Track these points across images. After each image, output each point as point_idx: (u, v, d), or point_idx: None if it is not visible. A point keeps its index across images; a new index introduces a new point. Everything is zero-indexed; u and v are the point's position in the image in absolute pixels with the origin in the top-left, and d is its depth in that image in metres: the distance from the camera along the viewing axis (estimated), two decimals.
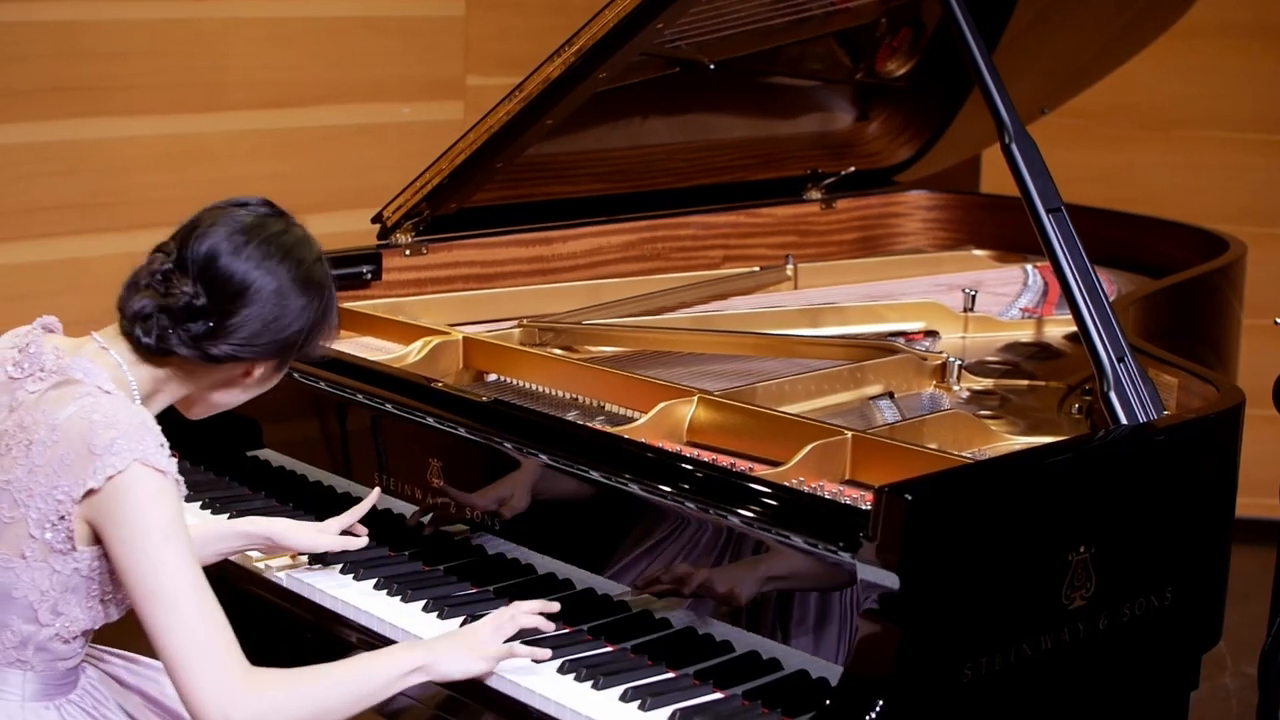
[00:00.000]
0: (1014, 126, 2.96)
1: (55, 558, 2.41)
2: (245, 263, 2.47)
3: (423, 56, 6.13)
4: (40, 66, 5.35)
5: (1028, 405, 3.38)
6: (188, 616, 2.33)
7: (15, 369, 2.49)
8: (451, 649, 2.57)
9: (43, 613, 2.43)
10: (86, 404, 2.40)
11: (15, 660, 2.47)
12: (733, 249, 4.52)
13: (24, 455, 2.40)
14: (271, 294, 2.48)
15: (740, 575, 2.57)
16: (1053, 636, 2.53)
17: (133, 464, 2.34)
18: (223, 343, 2.48)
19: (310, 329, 2.55)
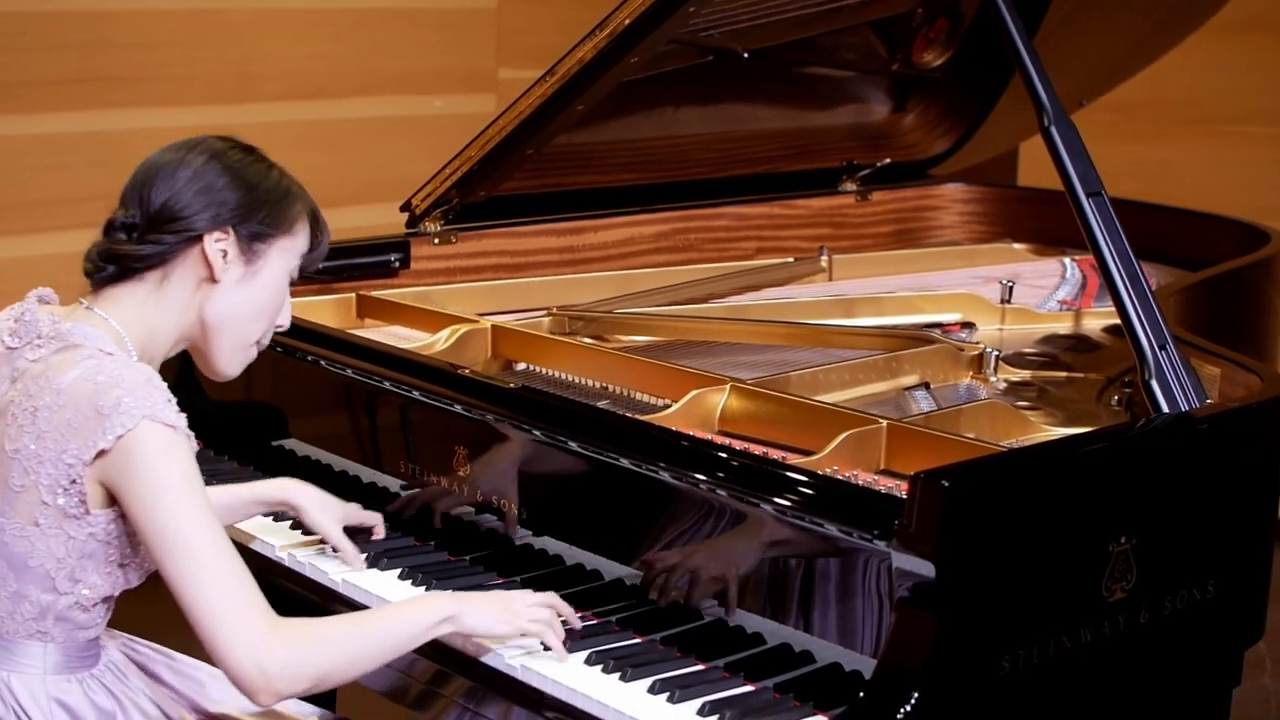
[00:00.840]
0: (1054, 110, 2.90)
1: (69, 523, 2.39)
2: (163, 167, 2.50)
3: (455, 49, 6.10)
4: (71, 56, 5.33)
5: (1066, 397, 3.32)
6: (210, 568, 2.31)
7: (12, 339, 2.49)
8: (482, 605, 2.56)
9: (60, 580, 2.41)
10: (90, 366, 2.38)
11: (35, 632, 2.44)
12: (766, 241, 4.47)
13: (30, 423, 2.38)
14: (190, 171, 2.49)
15: (773, 565, 2.51)
16: (1092, 629, 2.46)
17: (141, 421, 2.32)
18: (163, 229, 2.47)
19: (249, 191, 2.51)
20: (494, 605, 2.57)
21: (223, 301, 2.54)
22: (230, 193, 2.49)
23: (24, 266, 5.01)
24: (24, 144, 5.28)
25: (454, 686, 2.62)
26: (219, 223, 2.49)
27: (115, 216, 2.51)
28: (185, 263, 2.51)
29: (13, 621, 2.44)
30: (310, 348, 3.28)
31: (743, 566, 2.54)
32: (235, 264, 2.53)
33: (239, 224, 2.51)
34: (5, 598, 2.43)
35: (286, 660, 2.32)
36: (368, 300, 3.70)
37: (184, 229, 2.47)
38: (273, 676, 2.31)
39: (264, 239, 2.54)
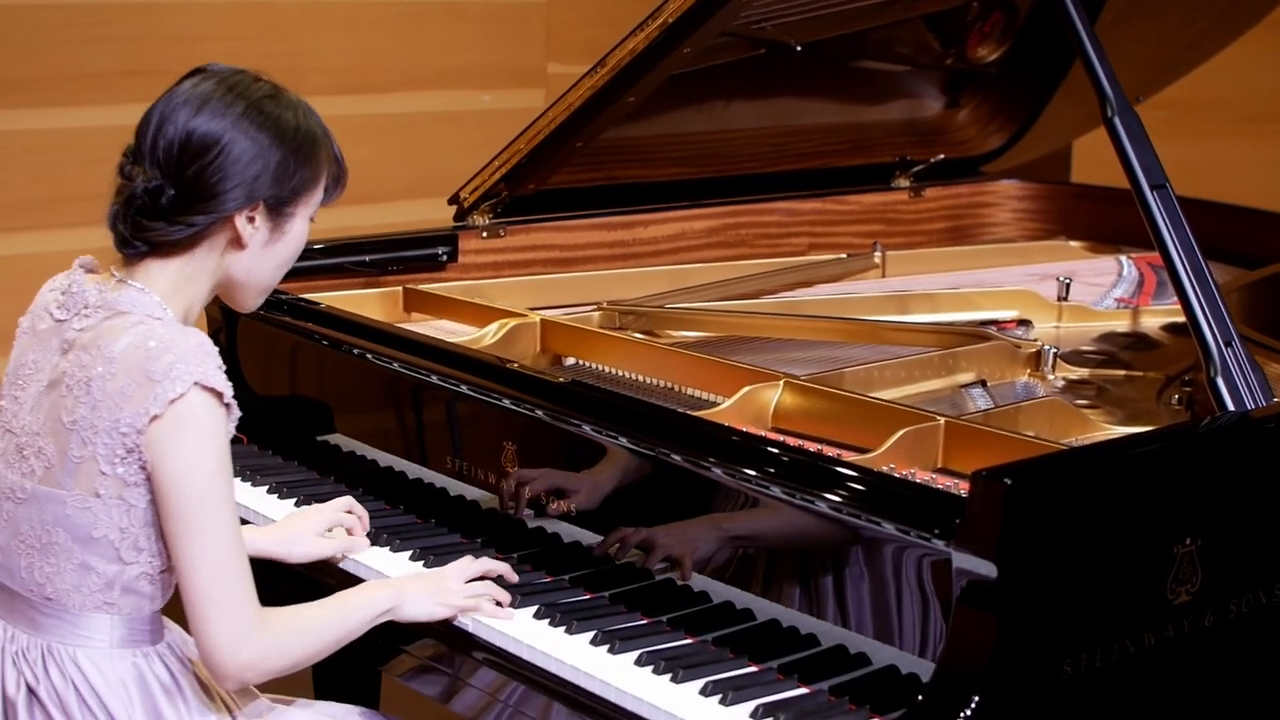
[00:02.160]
0: (1117, 99, 2.84)
1: (130, 491, 2.39)
2: (187, 121, 2.41)
3: (504, 43, 6.05)
4: (116, 49, 5.30)
5: (1125, 395, 3.25)
6: (221, 557, 2.36)
7: (60, 310, 2.49)
8: (418, 595, 2.64)
9: (125, 550, 2.41)
10: (141, 332, 2.39)
11: (102, 604, 2.44)
12: (819, 236, 4.41)
13: (85, 393, 2.38)
14: (221, 138, 2.41)
15: (828, 565, 2.45)
16: (1156, 633, 2.40)
17: (192, 387, 2.34)
18: (195, 209, 2.42)
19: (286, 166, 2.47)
20: (428, 589, 2.66)
21: (249, 262, 2.52)
22: (264, 163, 2.44)
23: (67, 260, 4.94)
24: (68, 138, 5.25)
25: (499, 687, 2.57)
26: (251, 200, 2.45)
27: (138, 180, 2.42)
28: (213, 232, 2.46)
29: (79, 594, 2.43)
30: (356, 340, 3.23)
31: (798, 566, 2.49)
32: (262, 230, 2.50)
33: (269, 196, 2.47)
34: (71, 570, 2.42)
35: (262, 652, 2.40)
36: (414, 294, 3.66)
37: (216, 209, 2.42)
38: (244, 665, 2.39)
39: (292, 202, 2.52)
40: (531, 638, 2.60)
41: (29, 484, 2.44)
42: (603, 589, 2.73)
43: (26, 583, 2.46)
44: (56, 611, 2.45)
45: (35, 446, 2.44)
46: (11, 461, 2.48)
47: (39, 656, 2.45)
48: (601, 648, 2.55)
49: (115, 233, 2.47)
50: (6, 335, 5.09)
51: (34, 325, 2.55)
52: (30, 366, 2.51)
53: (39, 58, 5.17)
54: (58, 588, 2.44)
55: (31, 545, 2.44)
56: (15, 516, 2.46)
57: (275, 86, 2.51)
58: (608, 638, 2.56)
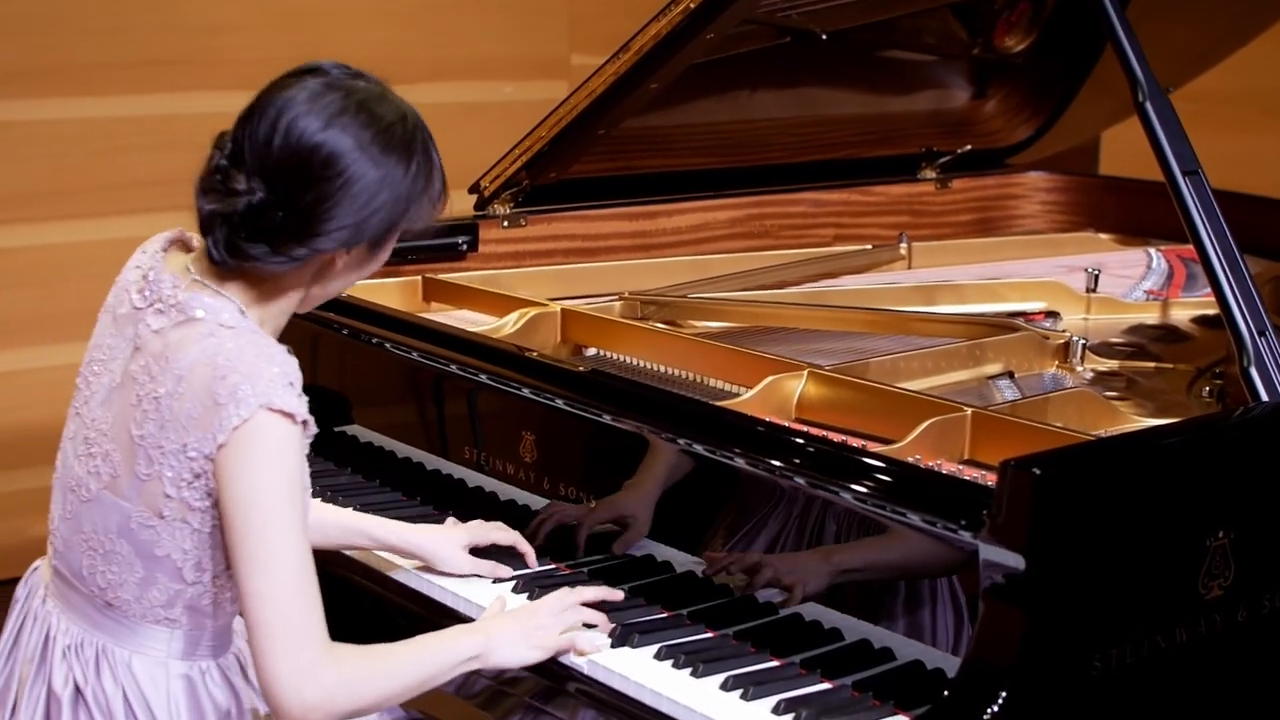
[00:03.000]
0: (1149, 84, 2.78)
1: (194, 516, 2.27)
2: (312, 135, 2.21)
3: (527, 34, 6.00)
4: (137, 39, 5.27)
5: (1155, 387, 3.20)
6: (287, 587, 2.20)
7: (139, 297, 2.33)
8: (509, 639, 2.44)
9: (188, 570, 2.31)
10: (209, 346, 2.23)
11: (163, 619, 2.34)
12: (844, 228, 4.35)
13: (154, 409, 2.26)
14: (342, 169, 2.21)
15: (852, 558, 2.40)
16: (1188, 628, 2.34)
17: (258, 411, 2.18)
18: (301, 243, 2.24)
19: (400, 200, 2.27)
20: (519, 632, 2.45)
21: (335, 284, 2.36)
22: (382, 200, 2.25)
23: (89, 251, 4.96)
24: (89, 127, 5.22)
25: (521, 685, 2.53)
26: (360, 239, 2.28)
27: (241, 195, 2.21)
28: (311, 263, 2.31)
29: (140, 606, 2.34)
30: (373, 329, 3.19)
31: (821, 559, 2.44)
32: (357, 255, 2.33)
33: (377, 233, 2.30)
34: (134, 583, 2.33)
35: (328, 693, 2.22)
36: (434, 283, 3.61)
37: (325, 245, 2.25)
38: (309, 707, 2.20)
39: (395, 231, 2.34)
40: None
41: (94, 485, 2.34)
42: (622, 583, 2.67)
43: (88, 583, 2.36)
44: (116, 617, 2.36)
45: (103, 448, 2.33)
46: (79, 452, 2.37)
47: (93, 655, 2.36)
48: (622, 643, 2.50)
49: (207, 238, 2.27)
50: (33, 325, 5.12)
51: (115, 308, 2.39)
52: (105, 351, 2.37)
53: (59, 47, 5.14)
54: (119, 595, 2.34)
55: (94, 548, 2.34)
56: (79, 514, 2.36)
57: (403, 109, 2.32)
58: (627, 632, 2.51)
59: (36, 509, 2.93)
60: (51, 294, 5.13)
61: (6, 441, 5.16)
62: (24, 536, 5.07)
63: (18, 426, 5.15)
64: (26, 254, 5.15)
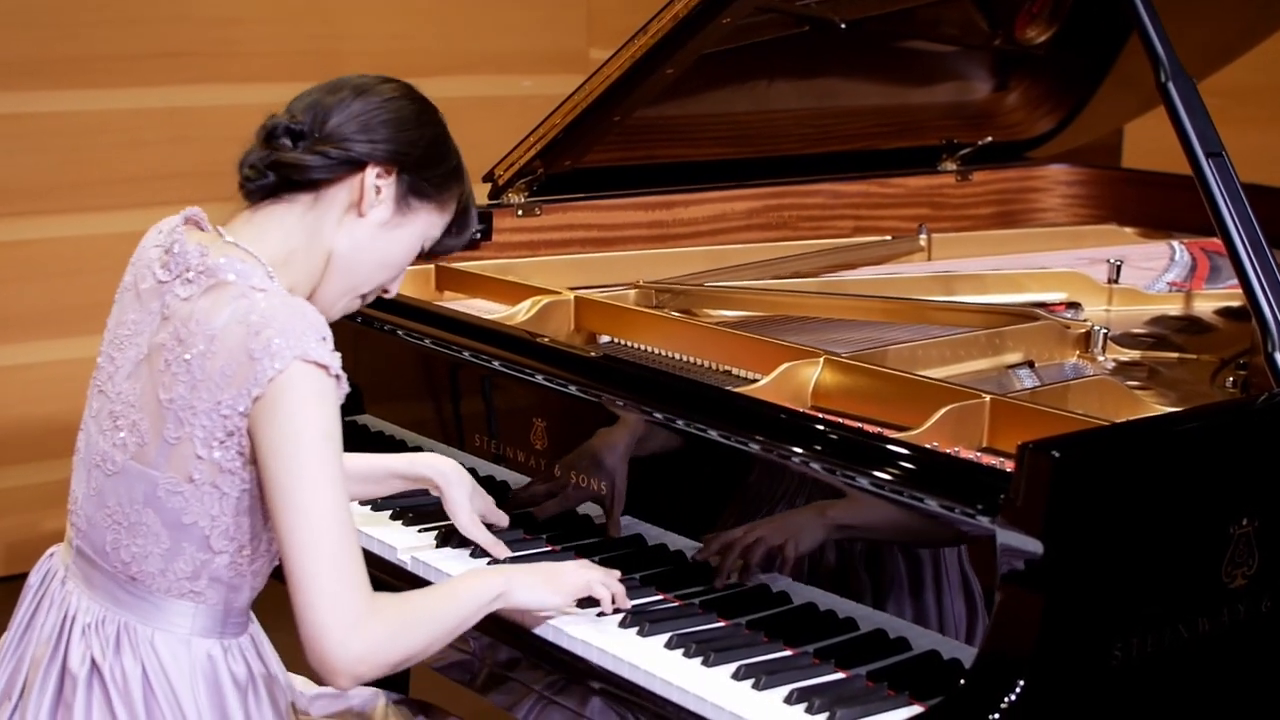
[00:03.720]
0: (1171, 64, 2.72)
1: (224, 479, 2.27)
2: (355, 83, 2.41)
3: (545, 28, 5.97)
4: (152, 31, 5.25)
5: (1178, 378, 3.14)
6: (329, 535, 2.20)
7: (163, 271, 2.35)
8: (530, 580, 2.46)
9: (215, 538, 2.30)
10: (241, 306, 2.26)
11: (188, 591, 2.33)
12: (863, 219, 4.30)
13: (184, 371, 2.26)
14: (380, 100, 2.38)
15: (868, 545, 2.35)
16: (1211, 618, 2.29)
17: (293, 362, 2.20)
18: (334, 140, 2.35)
19: (425, 139, 2.41)
20: (541, 578, 2.48)
21: (359, 238, 2.41)
22: (413, 136, 2.39)
23: (103, 244, 4.93)
24: (103, 120, 5.20)
25: (530, 674, 2.50)
26: (389, 159, 2.37)
27: (279, 121, 2.38)
28: (339, 188, 2.38)
29: (164, 579, 2.33)
30: (384, 315, 3.15)
31: (836, 547, 2.39)
32: (385, 206, 2.40)
33: (406, 170, 2.39)
34: (159, 554, 2.32)
35: (376, 643, 2.21)
36: (447, 272, 3.57)
37: (355, 153, 2.35)
38: (356, 659, 2.20)
39: (422, 196, 2.43)
40: (561, 620, 2.51)
41: (120, 457, 2.33)
42: (633, 571, 2.63)
43: (111, 559, 2.35)
44: (140, 592, 2.34)
45: (130, 419, 2.33)
46: (104, 427, 2.36)
47: (114, 632, 2.34)
48: (631, 630, 2.46)
49: (247, 170, 2.38)
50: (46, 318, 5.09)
51: (136, 283, 2.40)
52: (129, 327, 2.38)
53: (75, 39, 5.13)
54: (144, 569, 2.33)
55: (119, 522, 2.33)
56: (103, 489, 2.36)
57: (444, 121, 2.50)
58: (638, 620, 2.47)
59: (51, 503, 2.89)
60: (65, 287, 5.11)
61: (22, 436, 5.14)
62: (39, 530, 5.05)
63: (33, 420, 5.12)
64: (40, 247, 5.13)
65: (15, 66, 5.06)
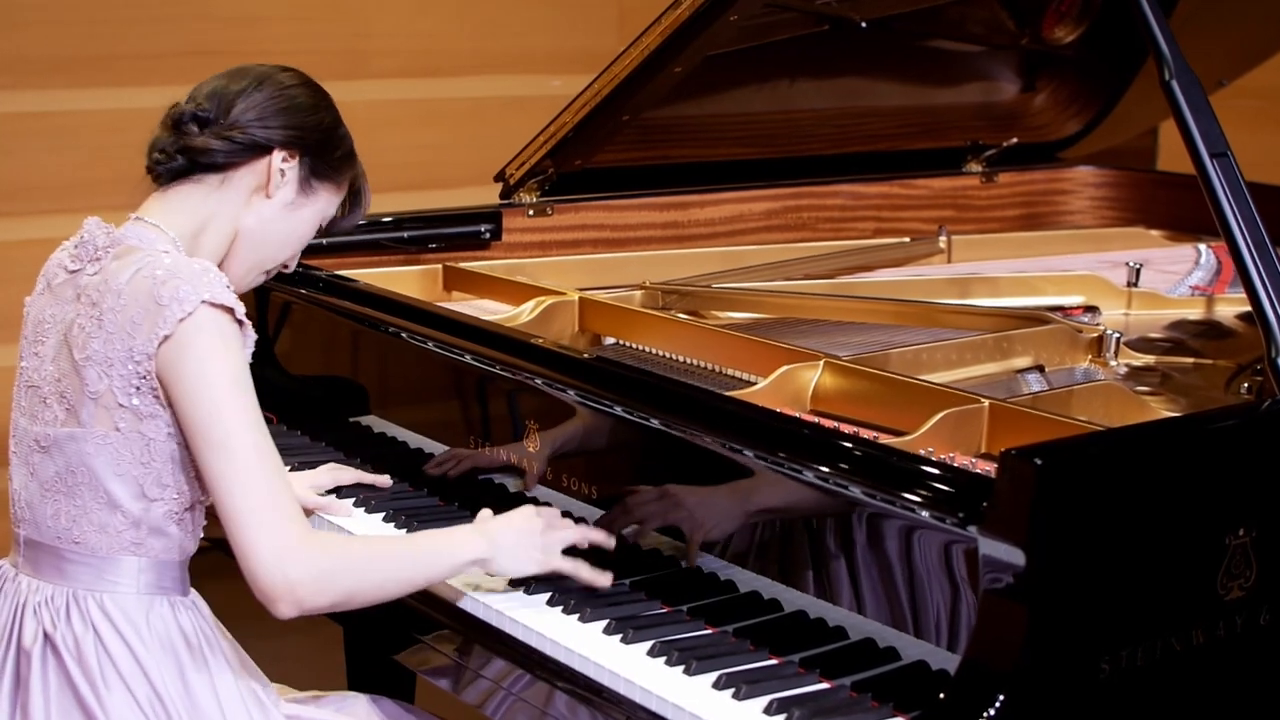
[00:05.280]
0: (1175, 62, 2.66)
1: (147, 424, 2.36)
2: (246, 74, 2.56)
3: (574, 27, 5.92)
4: (175, 30, 5.22)
5: (1191, 383, 3.08)
6: (255, 470, 2.30)
7: (74, 262, 2.48)
8: (512, 552, 2.52)
9: (149, 486, 2.38)
10: (147, 264, 2.37)
11: (130, 544, 2.40)
12: (885, 221, 4.25)
13: (97, 329, 2.37)
14: (276, 88, 2.53)
15: (857, 553, 2.29)
16: (1206, 631, 2.23)
17: (200, 305, 2.32)
18: (239, 127, 2.49)
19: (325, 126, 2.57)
20: (525, 546, 2.53)
21: (264, 217, 2.55)
22: (313, 120, 2.56)
23: None
24: (125, 118, 5.13)
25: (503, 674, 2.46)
26: (293, 144, 2.53)
27: (184, 109, 2.52)
28: (246, 171, 2.52)
29: (105, 535, 2.39)
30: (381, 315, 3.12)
31: (822, 554, 2.33)
32: (290, 187, 2.56)
33: (309, 154, 2.56)
34: (97, 509, 2.39)
35: (314, 570, 2.29)
36: (454, 272, 3.53)
37: (259, 136, 2.50)
38: (296, 583, 2.28)
39: (322, 178, 2.60)
40: (542, 624, 2.46)
41: (52, 430, 2.40)
42: (624, 576, 2.58)
43: (54, 530, 2.41)
44: (83, 556, 2.40)
45: (57, 392, 2.41)
46: (36, 414, 2.44)
47: (64, 604, 2.40)
48: (614, 637, 2.40)
49: (156, 154, 2.52)
50: None
51: (49, 284, 2.51)
52: (49, 322, 2.47)
53: (98, 38, 5.10)
54: (84, 530, 2.39)
55: (57, 491, 2.40)
56: (40, 467, 2.43)
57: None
58: (621, 626, 2.41)
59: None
60: None
61: None
62: None
63: None
64: None
65: (39, 65, 5.04)
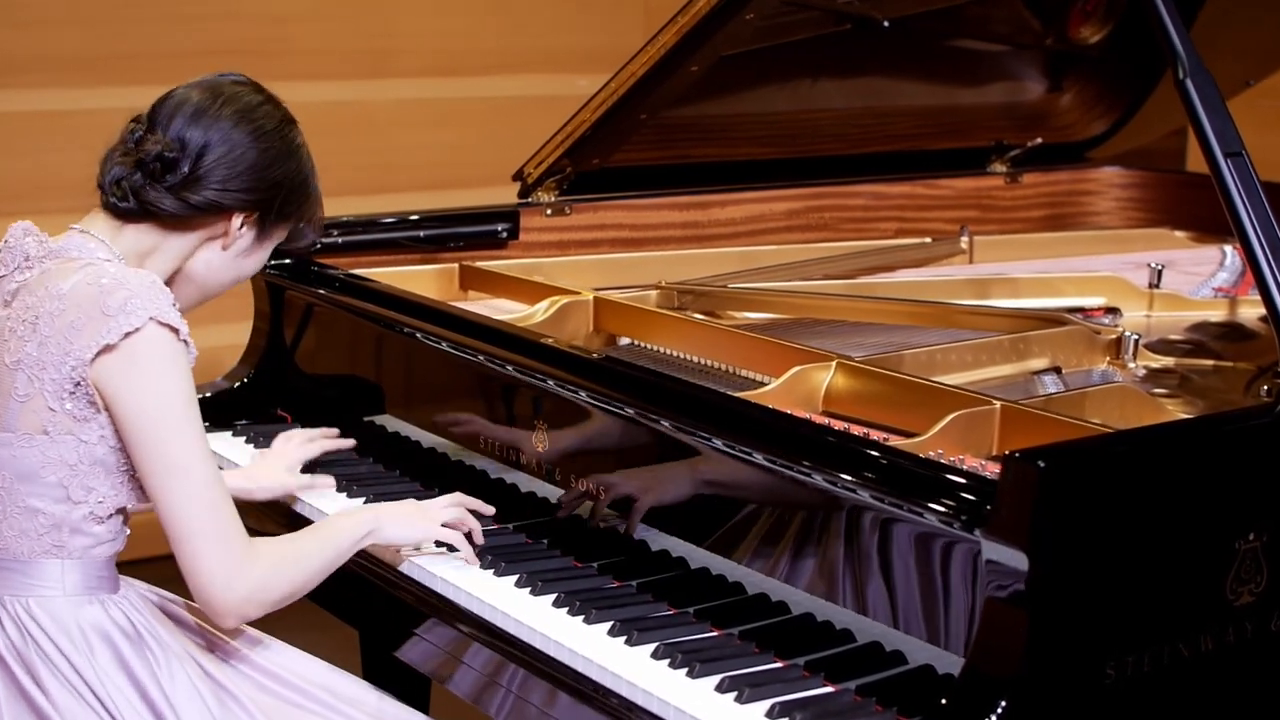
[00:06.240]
0: (1190, 61, 2.63)
1: (81, 427, 2.35)
2: (218, 121, 2.45)
3: (601, 26, 5.91)
4: (198, 29, 5.22)
5: (1210, 385, 3.04)
6: (203, 492, 2.33)
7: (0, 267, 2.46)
8: (397, 516, 2.66)
9: (74, 489, 2.37)
10: (91, 272, 2.35)
11: (51, 547, 2.39)
12: (907, 222, 4.22)
13: (31, 332, 2.35)
14: (243, 139, 2.45)
15: (862, 555, 2.27)
16: (1215, 636, 2.20)
17: (149, 322, 2.30)
18: (202, 187, 2.43)
19: (288, 181, 2.52)
20: (408, 514, 2.67)
21: (217, 265, 2.54)
22: (275, 179, 2.50)
23: None
24: None
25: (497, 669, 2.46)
26: (255, 206, 2.50)
27: (153, 145, 2.43)
28: (205, 223, 2.49)
29: (27, 539, 2.38)
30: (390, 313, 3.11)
31: (828, 555, 2.31)
32: (247, 238, 2.54)
33: (269, 211, 2.52)
34: (18, 514, 2.38)
35: (254, 584, 2.38)
36: (470, 271, 3.52)
37: (220, 202, 2.45)
38: (242, 599, 2.37)
39: (282, 224, 2.58)
40: (546, 624, 2.45)
41: None
42: (631, 578, 2.57)
43: None
44: (6, 561, 2.39)
45: None
46: None
47: None
48: (619, 638, 2.39)
49: (110, 189, 2.44)
50: None
51: None
52: None
53: (125, 37, 5.11)
54: (4, 534, 2.39)
55: None
56: None
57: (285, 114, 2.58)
58: (626, 628, 2.40)
59: None
60: None
61: None
62: None
63: None
64: None
65: (65, 63, 5.04)
